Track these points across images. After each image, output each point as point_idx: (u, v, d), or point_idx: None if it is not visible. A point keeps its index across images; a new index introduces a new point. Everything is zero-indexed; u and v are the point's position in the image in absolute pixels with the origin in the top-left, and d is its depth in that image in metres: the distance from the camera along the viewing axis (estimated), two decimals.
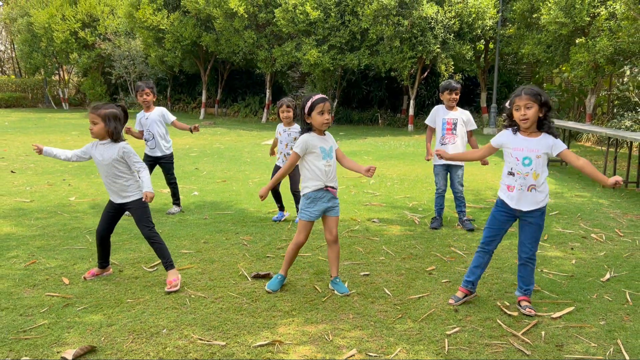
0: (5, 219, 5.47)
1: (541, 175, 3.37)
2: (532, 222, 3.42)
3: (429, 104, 19.91)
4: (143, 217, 3.78)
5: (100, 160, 3.73)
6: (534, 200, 3.38)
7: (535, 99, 3.30)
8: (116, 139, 3.71)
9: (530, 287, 3.53)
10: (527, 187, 3.37)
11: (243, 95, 23.78)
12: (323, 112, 3.58)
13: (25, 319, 3.20)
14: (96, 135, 3.71)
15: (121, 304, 3.45)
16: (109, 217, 3.85)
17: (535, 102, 3.30)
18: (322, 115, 3.57)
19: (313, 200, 3.66)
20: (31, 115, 21.22)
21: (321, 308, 3.46)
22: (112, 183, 3.75)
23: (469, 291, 3.61)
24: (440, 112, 5.45)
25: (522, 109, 3.33)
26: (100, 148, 3.73)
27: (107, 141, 3.73)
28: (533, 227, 3.43)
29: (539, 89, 3.39)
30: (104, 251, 3.88)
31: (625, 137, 7.67)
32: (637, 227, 5.63)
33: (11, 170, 8.40)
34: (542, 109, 3.32)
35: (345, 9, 16.37)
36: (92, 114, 3.66)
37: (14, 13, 26.46)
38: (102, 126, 3.66)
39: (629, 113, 12.85)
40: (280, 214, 5.74)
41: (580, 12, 12.86)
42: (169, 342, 2.96)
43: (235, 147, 12.38)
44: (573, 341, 3.05)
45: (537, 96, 3.30)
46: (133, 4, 19.88)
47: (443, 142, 5.40)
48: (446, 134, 5.37)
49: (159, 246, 3.79)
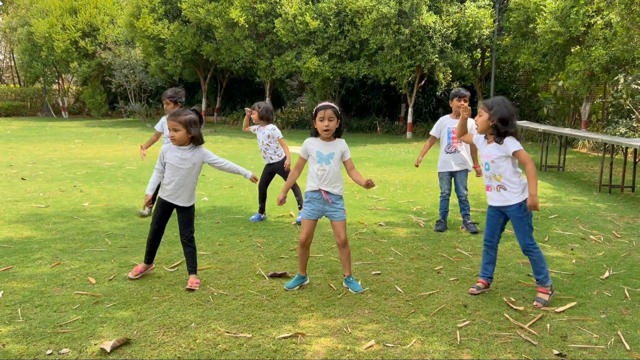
0: (24, 224, 5.65)
1: (503, 176, 3.71)
2: (514, 216, 3.75)
3: (427, 111, 20.20)
4: (190, 222, 4.00)
5: (179, 164, 3.88)
6: (505, 197, 3.72)
7: (485, 107, 3.73)
8: (198, 143, 3.91)
9: (539, 277, 3.75)
10: (496, 187, 3.77)
11: (242, 104, 24.02)
12: (323, 118, 3.77)
13: (60, 315, 3.38)
14: (179, 141, 3.86)
15: (148, 301, 3.64)
16: (163, 216, 4.02)
17: (485, 110, 3.71)
18: (322, 121, 3.78)
19: (309, 199, 3.89)
20: (32, 124, 21.38)
21: (338, 304, 3.65)
22: (184, 187, 3.92)
23: (487, 283, 3.94)
24: (446, 121, 5.64)
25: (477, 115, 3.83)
26: (181, 152, 3.89)
27: (189, 146, 3.90)
28: (515, 221, 3.75)
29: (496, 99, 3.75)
30: (153, 248, 4.07)
31: (621, 143, 7.92)
32: (634, 229, 5.86)
33: (22, 178, 8.57)
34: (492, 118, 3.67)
35: (345, 19, 16.67)
36: (173, 121, 3.81)
37: (14, 22, 26.66)
38: (184, 132, 3.83)
39: (623, 120, 13.15)
40: (257, 216, 6.05)
41: (576, 21, 13.17)
42: (198, 334, 3.14)
43: (238, 154, 12.59)
44: (576, 333, 3.26)
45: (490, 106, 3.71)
46: (133, 13, 20.13)
47: (448, 150, 5.60)
48: (452, 143, 5.57)
49: (192, 250, 3.98)
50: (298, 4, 16.80)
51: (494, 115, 3.66)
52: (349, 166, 3.94)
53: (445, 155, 5.64)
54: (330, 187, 3.84)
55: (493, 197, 3.82)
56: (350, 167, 3.95)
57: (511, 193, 3.71)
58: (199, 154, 3.94)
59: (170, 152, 3.93)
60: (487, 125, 3.72)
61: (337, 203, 3.89)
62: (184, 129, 3.82)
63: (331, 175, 3.82)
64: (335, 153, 3.84)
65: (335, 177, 3.85)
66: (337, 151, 3.86)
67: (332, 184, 3.84)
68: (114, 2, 24.92)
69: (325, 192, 3.84)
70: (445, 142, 5.62)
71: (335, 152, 3.85)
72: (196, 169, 3.96)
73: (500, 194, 3.75)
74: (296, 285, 3.94)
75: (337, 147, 3.87)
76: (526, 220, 3.71)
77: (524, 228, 3.72)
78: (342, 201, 3.94)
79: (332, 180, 3.84)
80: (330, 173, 3.82)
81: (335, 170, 3.85)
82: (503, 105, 3.67)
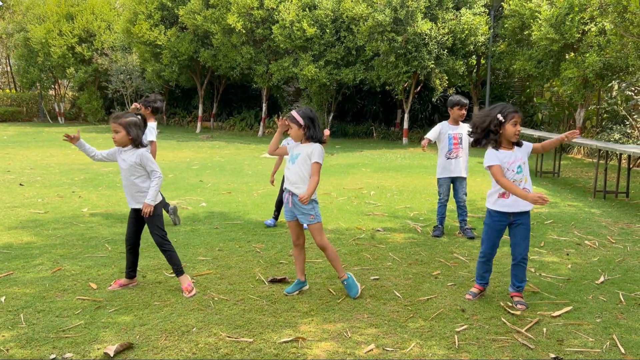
0: (24, 229, 5.67)
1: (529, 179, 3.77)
2: (522, 224, 3.76)
3: (422, 117, 20.30)
4: (155, 225, 3.95)
5: (122, 166, 3.94)
6: (525, 202, 3.68)
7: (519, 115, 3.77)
8: (137, 145, 3.92)
9: (522, 284, 3.86)
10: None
11: (239, 109, 24.07)
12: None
13: (62, 320, 3.41)
14: (119, 143, 3.90)
15: (149, 306, 3.67)
16: (132, 224, 4.05)
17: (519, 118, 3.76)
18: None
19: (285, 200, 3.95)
20: (28, 130, 21.37)
21: (337, 309, 3.70)
22: (130, 187, 3.93)
23: (483, 288, 3.99)
24: (446, 127, 5.67)
25: (518, 125, 3.73)
26: (123, 154, 3.94)
27: (128, 148, 3.93)
28: (524, 228, 3.77)
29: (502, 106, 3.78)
30: (133, 259, 4.05)
31: (615, 149, 8.01)
32: (628, 234, 5.93)
33: (20, 183, 8.58)
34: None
35: (341, 26, 16.78)
36: (114, 123, 3.88)
37: (10, 28, 26.66)
38: (124, 134, 3.88)
39: (617, 126, 13.27)
40: (272, 221, 6.08)
41: (570, 28, 13.31)
42: (200, 339, 3.18)
43: (235, 160, 12.63)
44: (572, 337, 3.31)
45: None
46: (130, 19, 20.19)
47: (449, 156, 5.64)
48: (453, 149, 5.62)
49: (169, 254, 3.97)
50: (295, 10, 16.90)
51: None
52: (312, 170, 3.80)
53: (445, 161, 5.67)
54: (294, 187, 3.84)
55: (514, 203, 3.71)
56: (312, 172, 3.80)
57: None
58: (134, 156, 3.90)
59: (119, 154, 3.99)
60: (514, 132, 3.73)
61: (303, 207, 3.84)
62: (124, 130, 3.87)
63: (295, 176, 3.83)
64: (301, 154, 3.84)
65: (299, 178, 3.82)
66: (304, 152, 3.83)
67: (295, 185, 3.83)
68: (111, 8, 24.98)
69: (290, 194, 3.87)
70: (447, 148, 5.64)
71: (301, 153, 3.84)
72: (134, 172, 3.91)
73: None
74: (295, 290, 3.98)
75: (305, 149, 3.83)
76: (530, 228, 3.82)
77: (529, 236, 3.81)
78: (311, 205, 3.84)
79: (295, 181, 3.83)
80: (294, 174, 3.83)
81: (299, 172, 3.82)
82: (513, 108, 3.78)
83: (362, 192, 8.38)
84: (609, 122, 14.52)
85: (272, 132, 21.19)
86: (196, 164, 11.45)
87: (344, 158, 13.38)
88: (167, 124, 24.30)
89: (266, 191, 8.29)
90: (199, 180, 9.10)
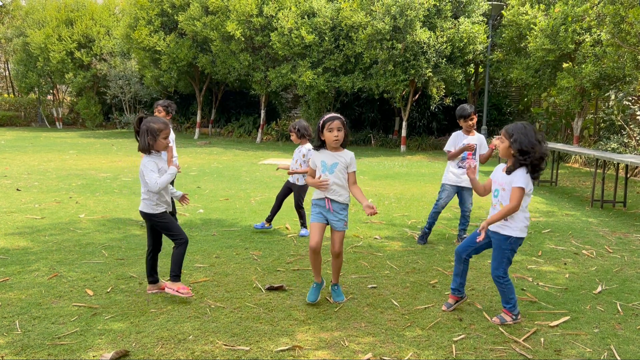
0: (20, 235, 5.65)
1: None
2: (497, 246, 3.65)
3: (421, 125, 20.35)
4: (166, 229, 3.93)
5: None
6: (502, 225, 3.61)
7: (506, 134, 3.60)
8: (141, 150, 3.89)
9: (507, 306, 3.66)
10: None
11: (237, 116, 24.10)
12: (332, 129, 3.84)
13: (58, 327, 3.39)
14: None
15: (146, 313, 3.65)
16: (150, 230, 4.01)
17: (505, 137, 3.60)
18: (331, 132, 3.84)
19: (314, 205, 3.96)
20: (26, 134, 21.34)
21: (334, 317, 3.68)
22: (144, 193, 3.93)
23: (459, 297, 3.89)
24: (460, 137, 5.60)
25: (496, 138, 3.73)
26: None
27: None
28: (497, 250, 3.66)
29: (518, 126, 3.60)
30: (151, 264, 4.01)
31: (612, 159, 8.03)
32: (625, 244, 5.93)
33: (17, 189, 8.56)
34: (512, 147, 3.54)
35: (340, 34, 16.83)
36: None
37: (9, 33, 26.71)
38: None
39: (614, 136, 13.31)
40: (262, 224, 6.11)
41: (565, 39, 13.39)
42: (196, 347, 3.16)
43: (233, 166, 12.62)
44: (570, 347, 3.31)
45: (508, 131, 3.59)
46: (130, 25, 20.23)
47: (462, 165, 5.62)
48: (467, 158, 5.60)
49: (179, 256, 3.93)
50: (294, 18, 16.96)
51: (514, 144, 3.52)
52: (351, 180, 3.95)
53: (457, 169, 5.63)
54: (335, 195, 3.88)
55: None
56: (352, 181, 3.95)
57: (510, 223, 3.60)
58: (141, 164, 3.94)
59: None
60: (508, 152, 3.59)
61: (340, 213, 3.90)
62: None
63: (334, 185, 3.86)
64: (339, 163, 3.89)
65: (338, 187, 3.88)
66: (342, 162, 3.90)
67: (336, 193, 3.88)
68: (110, 13, 25.05)
69: (329, 201, 3.88)
70: (460, 157, 5.63)
71: (339, 162, 3.89)
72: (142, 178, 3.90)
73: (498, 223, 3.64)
74: (318, 294, 3.94)
75: (342, 157, 3.92)
76: (507, 255, 3.62)
77: (502, 260, 3.63)
78: (346, 212, 3.95)
79: (335, 190, 3.88)
80: (334, 183, 3.86)
81: (337, 181, 3.87)
82: (524, 134, 3.52)
83: None
84: (607, 131, 14.57)
85: (270, 138, 21.22)
86: (194, 171, 11.44)
87: None
88: None
89: (264, 198, 8.28)
90: (196, 187, 9.08)
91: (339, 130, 3.86)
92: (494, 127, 19.86)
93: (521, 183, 3.51)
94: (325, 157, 3.92)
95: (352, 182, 3.96)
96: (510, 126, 3.61)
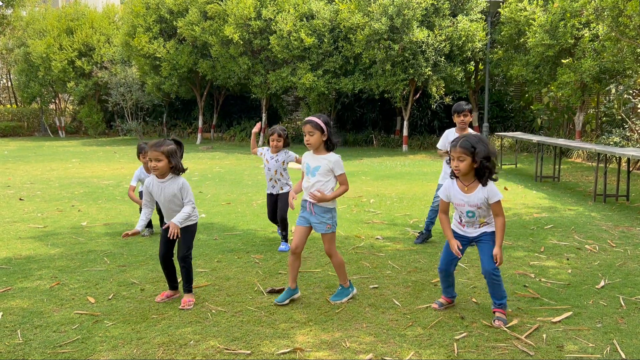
0: (23, 244, 5.67)
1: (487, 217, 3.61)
2: (484, 241, 3.61)
3: (422, 124, 20.32)
4: (189, 241, 3.98)
5: (159, 195, 3.90)
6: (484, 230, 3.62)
7: (467, 151, 3.43)
8: (177, 172, 3.89)
9: (501, 302, 3.62)
10: (477, 226, 3.65)
11: (238, 120, 24.13)
12: (305, 133, 3.83)
13: (60, 335, 3.40)
14: (161, 172, 3.83)
15: (147, 319, 3.66)
16: (166, 241, 3.97)
17: (466, 154, 3.44)
18: (305, 136, 3.85)
19: (301, 207, 3.97)
20: (29, 144, 21.43)
21: (335, 319, 3.68)
22: (171, 212, 3.94)
23: (450, 300, 3.88)
24: (451, 136, 5.58)
25: (455, 161, 3.52)
26: (161, 185, 3.88)
27: (169, 177, 3.87)
28: (486, 245, 3.60)
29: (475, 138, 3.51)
30: (169, 273, 4.03)
31: (614, 153, 8.00)
32: (628, 238, 5.91)
33: (19, 198, 8.60)
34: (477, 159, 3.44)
35: (339, 35, 16.85)
36: (156, 151, 3.78)
37: (10, 44, 26.84)
38: (165, 163, 3.81)
39: (616, 129, 13.26)
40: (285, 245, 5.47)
41: (564, 34, 13.36)
42: (198, 352, 3.17)
43: (235, 170, 12.64)
44: (572, 342, 3.29)
45: (471, 148, 3.43)
46: (129, 32, 20.30)
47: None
48: None
49: (187, 270, 3.96)
50: (293, 20, 16.99)
51: (478, 155, 3.43)
52: (341, 181, 3.92)
53: (449, 168, 5.62)
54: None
55: (468, 231, 3.68)
56: (342, 182, 3.93)
57: (490, 226, 3.64)
58: (174, 186, 3.89)
59: (152, 186, 3.93)
60: (471, 168, 3.50)
61: (322, 215, 3.87)
62: (166, 159, 3.81)
63: (315, 188, 3.83)
64: (321, 167, 3.84)
65: (320, 190, 3.83)
66: (324, 165, 3.85)
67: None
68: (110, 21, 25.15)
69: (310, 204, 3.88)
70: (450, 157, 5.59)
71: (322, 165, 3.85)
72: (176, 198, 3.91)
73: (481, 229, 3.64)
74: (286, 298, 3.94)
75: (326, 160, 3.86)
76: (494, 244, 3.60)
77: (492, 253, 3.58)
78: (330, 214, 3.89)
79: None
80: (315, 186, 3.83)
81: (319, 184, 3.83)
82: (483, 143, 3.48)
83: (362, 200, 8.38)
84: (608, 125, 14.52)
85: None
86: (196, 175, 11.46)
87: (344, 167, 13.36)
88: (167, 136, 24.32)
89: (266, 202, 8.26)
90: (198, 192, 9.09)
91: (310, 134, 3.80)
92: (496, 124, 19.83)
93: (499, 194, 3.54)
94: (310, 160, 3.90)
95: (340, 183, 3.93)
96: (462, 143, 3.49)
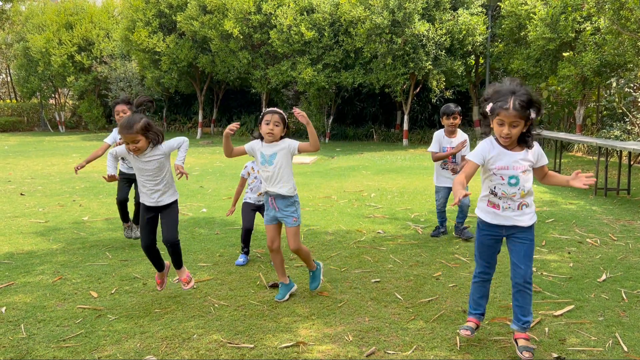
0: (25, 239, 5.67)
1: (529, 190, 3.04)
2: (521, 240, 3.05)
3: (422, 118, 20.32)
4: (175, 221, 3.81)
5: (142, 167, 3.67)
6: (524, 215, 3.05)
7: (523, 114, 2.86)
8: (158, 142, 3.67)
9: (529, 319, 3.05)
10: (518, 205, 3.04)
11: (238, 114, 24.10)
12: (269, 122, 3.73)
13: (63, 329, 3.41)
14: (142, 151, 3.61)
15: (150, 313, 3.67)
16: (148, 226, 3.79)
17: (523, 117, 2.88)
18: (267, 125, 3.73)
19: (265, 207, 3.92)
20: (29, 139, 21.41)
21: (338, 312, 3.69)
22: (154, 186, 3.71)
23: (479, 321, 3.25)
24: (441, 139, 5.57)
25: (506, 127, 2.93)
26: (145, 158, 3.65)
27: (148, 150, 3.64)
28: (523, 245, 3.03)
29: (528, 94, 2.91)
30: (154, 257, 3.86)
31: (615, 147, 8.00)
32: (630, 231, 5.91)
33: (20, 193, 8.60)
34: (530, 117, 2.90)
35: (339, 29, 16.80)
36: (130, 134, 3.50)
37: (9, 38, 26.76)
38: (144, 140, 3.58)
39: (617, 123, 13.24)
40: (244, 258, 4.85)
41: (565, 28, 13.33)
42: (201, 345, 3.18)
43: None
44: (575, 336, 3.30)
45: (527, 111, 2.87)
46: (128, 27, 20.25)
47: (444, 167, 5.59)
48: (448, 162, 5.57)
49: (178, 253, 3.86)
50: (293, 14, 16.94)
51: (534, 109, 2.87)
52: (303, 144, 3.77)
53: (441, 170, 5.63)
54: (276, 187, 3.78)
55: (505, 215, 3.04)
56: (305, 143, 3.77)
57: (531, 209, 3.06)
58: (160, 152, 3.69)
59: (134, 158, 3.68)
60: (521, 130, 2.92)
61: (286, 210, 3.82)
62: (143, 137, 3.56)
63: (276, 176, 3.77)
64: (278, 152, 3.77)
65: (281, 178, 3.77)
66: (280, 149, 3.77)
67: (278, 185, 3.78)
68: (109, 16, 25.06)
69: (272, 199, 3.83)
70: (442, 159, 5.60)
71: (277, 151, 3.77)
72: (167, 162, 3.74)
73: (521, 211, 3.04)
74: (285, 294, 3.93)
75: (280, 145, 3.78)
76: (534, 243, 3.08)
77: (532, 255, 3.05)
78: (294, 207, 3.84)
79: (277, 181, 3.78)
80: (275, 174, 3.77)
81: (280, 171, 3.76)
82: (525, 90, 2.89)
83: (363, 194, 8.38)
84: (609, 119, 14.50)
85: None
86: (197, 170, 11.46)
87: (344, 161, 13.37)
88: (168, 130, 24.31)
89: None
90: (199, 186, 9.09)
91: (276, 125, 3.74)
92: None
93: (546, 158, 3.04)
94: (264, 149, 3.79)
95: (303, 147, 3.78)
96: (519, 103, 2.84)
